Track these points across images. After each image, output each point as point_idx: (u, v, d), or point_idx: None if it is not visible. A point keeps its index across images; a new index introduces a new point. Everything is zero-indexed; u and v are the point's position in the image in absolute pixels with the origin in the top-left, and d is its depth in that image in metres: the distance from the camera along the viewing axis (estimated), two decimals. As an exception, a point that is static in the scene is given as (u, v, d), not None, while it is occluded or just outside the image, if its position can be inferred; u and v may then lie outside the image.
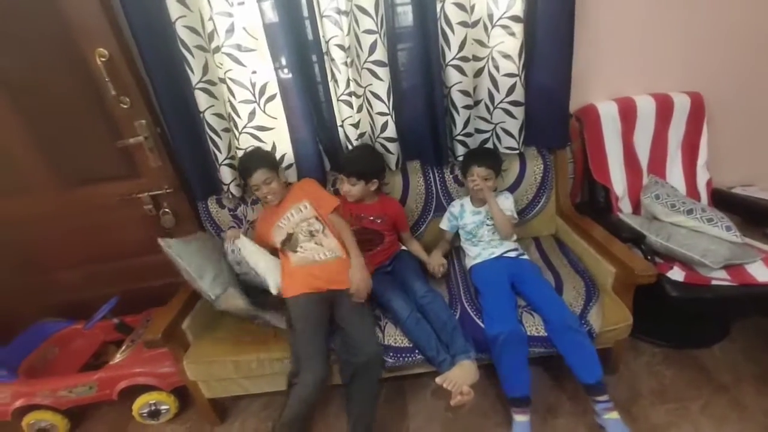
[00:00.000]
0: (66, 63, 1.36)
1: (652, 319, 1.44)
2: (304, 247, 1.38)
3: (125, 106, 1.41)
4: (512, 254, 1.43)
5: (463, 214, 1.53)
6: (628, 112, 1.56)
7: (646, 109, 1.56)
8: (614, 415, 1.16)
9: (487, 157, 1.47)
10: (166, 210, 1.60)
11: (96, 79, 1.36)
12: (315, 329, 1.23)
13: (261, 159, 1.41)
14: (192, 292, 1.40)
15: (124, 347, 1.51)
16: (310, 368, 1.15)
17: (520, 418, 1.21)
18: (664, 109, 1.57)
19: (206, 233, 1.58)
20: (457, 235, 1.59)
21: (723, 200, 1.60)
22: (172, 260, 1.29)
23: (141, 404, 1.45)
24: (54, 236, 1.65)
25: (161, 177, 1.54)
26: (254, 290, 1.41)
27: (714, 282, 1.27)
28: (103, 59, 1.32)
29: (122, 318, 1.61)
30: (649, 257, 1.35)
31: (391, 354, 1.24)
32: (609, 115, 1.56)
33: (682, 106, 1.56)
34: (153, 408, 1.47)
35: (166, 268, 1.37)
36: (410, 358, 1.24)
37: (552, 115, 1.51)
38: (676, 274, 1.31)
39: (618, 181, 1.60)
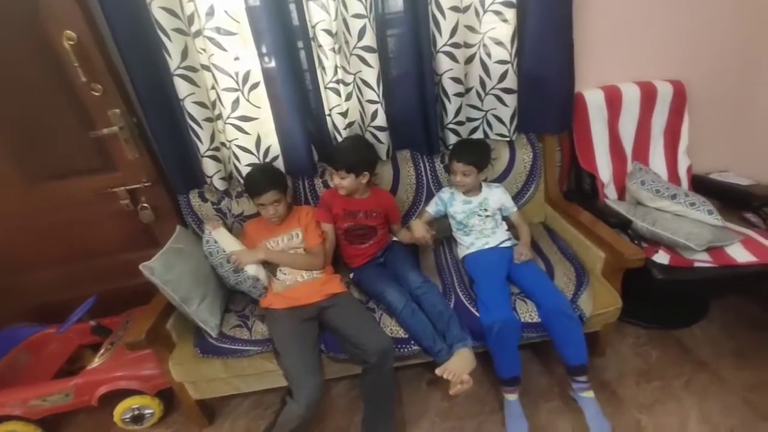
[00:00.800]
0: (30, 47, 1.26)
1: (636, 301, 1.48)
2: (284, 271, 1.37)
3: (97, 94, 1.32)
4: (507, 244, 1.44)
5: (452, 202, 1.52)
6: (613, 100, 1.59)
7: (631, 97, 1.59)
8: (590, 394, 1.21)
9: (469, 152, 1.44)
10: (145, 205, 1.51)
11: (64, 64, 1.27)
12: (300, 348, 1.19)
13: (271, 180, 1.35)
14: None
15: (102, 350, 1.43)
16: (303, 392, 1.10)
17: (511, 397, 1.25)
18: (648, 96, 1.60)
19: (187, 230, 1.50)
20: (439, 219, 1.58)
21: (702, 185, 1.66)
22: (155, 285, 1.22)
23: (123, 409, 1.38)
24: (22, 235, 1.53)
25: (138, 170, 1.45)
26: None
27: (697, 264, 1.31)
28: (72, 43, 1.23)
29: (99, 320, 1.53)
30: (635, 242, 1.38)
31: (396, 345, 1.22)
32: (595, 103, 1.58)
33: (665, 94, 1.60)
34: (136, 413, 1.40)
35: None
36: (407, 349, 1.23)
37: (551, 99, 1.51)
38: (662, 257, 1.35)
39: (604, 168, 1.63)
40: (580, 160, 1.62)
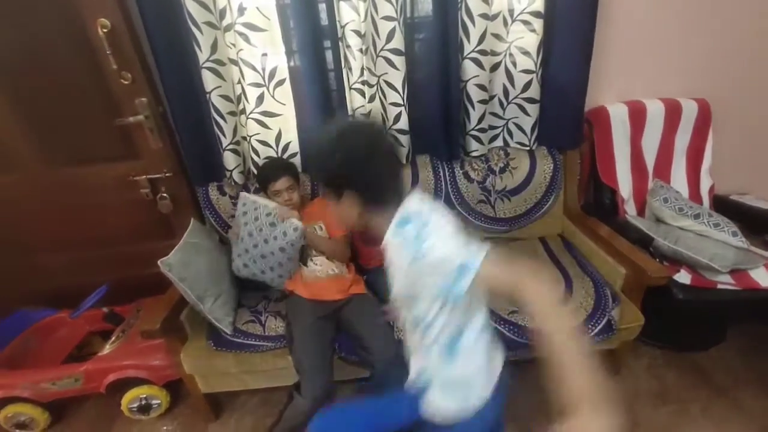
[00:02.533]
0: (64, 33, 1.27)
1: (652, 321, 1.46)
2: (316, 261, 1.35)
3: (126, 82, 1.33)
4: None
5: None
6: (637, 116, 1.58)
7: (655, 113, 1.58)
8: None
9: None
10: (164, 195, 1.51)
11: (96, 51, 1.28)
12: (315, 344, 1.17)
13: (286, 167, 1.38)
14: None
15: (113, 338, 1.43)
16: (311, 387, 1.09)
17: None
18: (673, 114, 1.59)
19: (203, 225, 1.50)
20: None
21: (723, 206, 1.63)
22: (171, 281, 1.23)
23: (131, 398, 1.37)
24: (41, 218, 1.55)
25: (161, 159, 1.46)
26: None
27: (720, 286, 1.29)
28: (105, 30, 1.24)
29: (112, 307, 1.53)
30: (656, 260, 1.36)
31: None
32: (619, 118, 1.57)
33: (689, 111, 1.59)
34: (143, 402, 1.39)
35: (160, 257, 1.29)
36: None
37: (566, 114, 1.50)
38: (683, 277, 1.32)
39: (624, 183, 1.61)
40: (601, 174, 1.61)
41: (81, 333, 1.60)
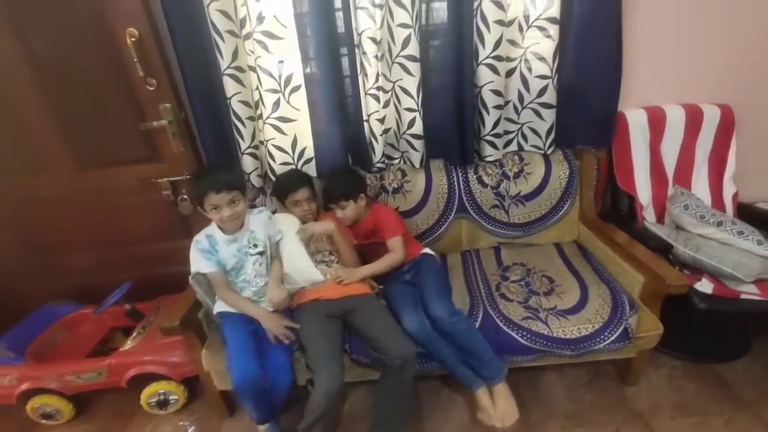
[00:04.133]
0: (95, 41, 1.34)
1: (672, 331, 1.42)
2: (331, 266, 1.38)
3: (151, 89, 1.39)
4: None
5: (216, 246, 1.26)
6: (657, 122, 1.55)
7: (676, 120, 1.55)
8: None
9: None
10: (185, 197, 1.57)
11: (124, 59, 1.34)
12: (322, 338, 1.19)
13: (304, 179, 1.45)
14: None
15: (135, 334, 1.48)
16: (322, 379, 1.11)
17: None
18: (694, 120, 1.55)
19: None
20: None
21: (748, 215, 1.57)
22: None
23: (150, 393, 1.42)
24: (68, 218, 1.62)
25: (182, 163, 1.51)
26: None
27: (743, 296, 1.25)
28: (134, 39, 1.30)
29: (133, 304, 1.58)
30: (676, 268, 1.33)
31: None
32: (638, 123, 1.54)
33: (711, 117, 1.55)
34: (162, 398, 1.43)
35: (179, 256, 1.34)
36: (429, 365, 1.22)
37: (592, 116, 1.50)
38: (705, 286, 1.29)
39: (643, 190, 1.58)
40: (619, 180, 1.58)
41: (104, 328, 1.66)
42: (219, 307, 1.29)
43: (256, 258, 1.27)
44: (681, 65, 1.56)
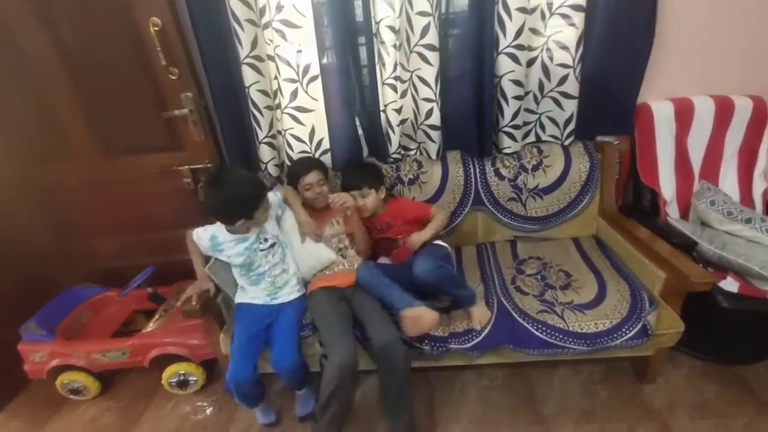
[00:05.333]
0: (120, 31, 1.37)
1: (692, 330, 1.38)
2: (347, 255, 1.42)
3: (173, 78, 1.41)
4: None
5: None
6: (684, 114, 1.49)
7: (704, 112, 1.49)
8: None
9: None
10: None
11: (147, 48, 1.37)
12: (334, 316, 1.24)
13: (316, 162, 1.46)
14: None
15: (157, 316, 1.53)
16: (334, 352, 1.14)
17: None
18: (724, 112, 1.49)
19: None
20: None
21: (779, 212, 1.51)
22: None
23: (171, 373, 1.47)
24: (94, 204, 1.68)
25: (202, 151, 1.54)
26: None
27: (771, 296, 1.20)
28: (156, 29, 1.33)
29: (155, 288, 1.64)
30: (700, 265, 1.29)
31: (427, 341, 1.22)
32: (663, 115, 1.49)
33: (743, 110, 1.48)
34: (182, 378, 1.48)
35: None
36: (443, 348, 1.22)
37: (612, 105, 1.47)
38: (730, 284, 1.25)
39: (667, 184, 1.53)
40: (641, 174, 1.54)
41: (127, 311, 1.72)
42: (238, 298, 1.34)
43: (268, 251, 1.30)
44: (711, 55, 1.49)
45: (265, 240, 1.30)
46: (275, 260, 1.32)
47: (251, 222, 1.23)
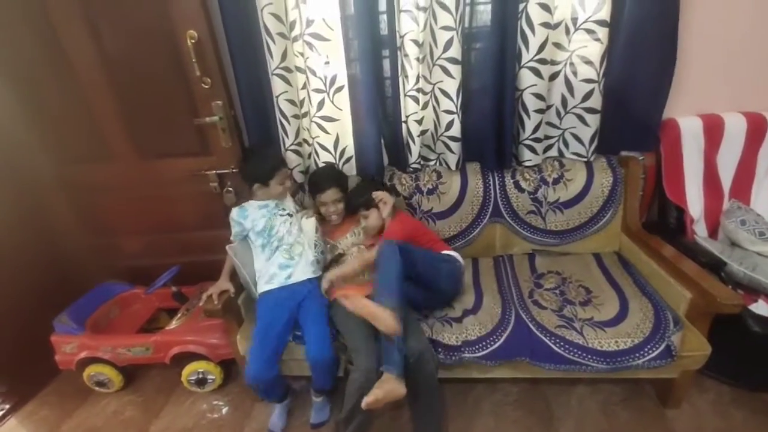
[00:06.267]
0: (159, 41, 1.45)
1: (722, 355, 1.33)
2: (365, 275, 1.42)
3: (206, 87, 1.48)
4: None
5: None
6: (713, 130, 1.46)
7: (736, 129, 1.45)
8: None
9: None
10: (230, 189, 1.66)
11: (183, 59, 1.44)
12: (357, 325, 1.23)
13: (335, 178, 1.50)
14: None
15: (179, 315, 1.58)
16: (358, 361, 1.16)
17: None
18: (756, 129, 1.44)
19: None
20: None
21: (816, 234, 1.44)
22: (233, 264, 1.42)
23: (190, 371, 1.52)
24: (126, 204, 1.76)
25: (229, 157, 1.60)
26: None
27: (806, 322, 1.15)
28: (193, 41, 1.40)
29: (179, 288, 1.69)
30: (729, 287, 1.24)
31: (440, 350, 1.22)
32: (691, 132, 1.46)
33: (777, 127, 1.44)
34: (200, 376, 1.53)
35: (222, 245, 1.43)
36: (457, 357, 1.22)
37: (637, 120, 1.45)
38: (761, 308, 1.20)
39: (694, 202, 1.49)
40: (668, 191, 1.50)
41: (152, 308, 1.79)
42: (261, 287, 1.39)
43: (285, 218, 1.43)
44: (742, 71, 1.46)
45: (284, 209, 1.45)
46: (291, 229, 1.42)
47: (268, 190, 1.41)
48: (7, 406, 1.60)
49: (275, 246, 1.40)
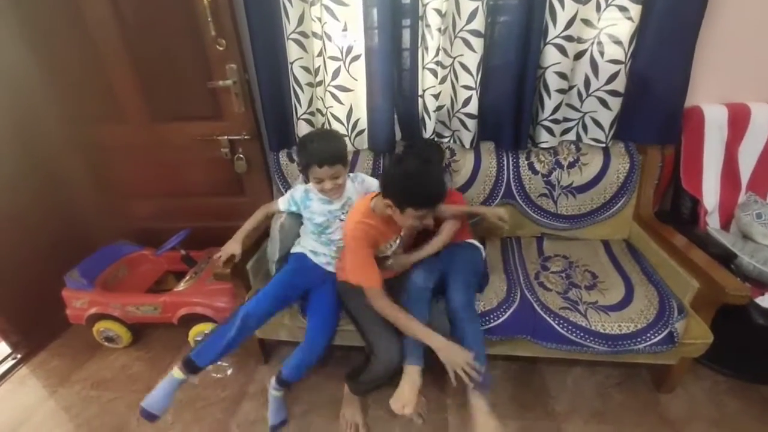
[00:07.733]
0: (175, 1, 1.41)
1: (722, 346, 1.34)
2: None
3: (221, 48, 1.45)
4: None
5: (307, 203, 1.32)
6: (738, 120, 1.42)
7: (762, 120, 1.41)
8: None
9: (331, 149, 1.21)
10: (241, 156, 1.65)
11: (198, 18, 1.41)
12: (376, 313, 1.15)
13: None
14: (258, 237, 1.46)
15: (187, 277, 1.61)
16: (380, 350, 1.13)
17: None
18: (783, 121, 1.40)
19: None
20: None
21: (831, 233, 1.43)
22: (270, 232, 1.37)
23: (196, 332, 1.55)
24: (137, 166, 1.76)
25: (241, 123, 1.59)
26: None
27: (813, 317, 1.15)
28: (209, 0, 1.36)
29: (188, 251, 1.71)
30: (738, 278, 1.24)
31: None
32: (715, 120, 1.42)
33: (805, 120, 1.40)
34: (207, 337, 1.56)
35: (231, 212, 1.44)
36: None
37: (660, 109, 1.40)
38: (767, 301, 1.20)
39: (710, 193, 1.47)
40: (684, 180, 1.48)
41: (160, 270, 1.82)
42: (296, 248, 1.39)
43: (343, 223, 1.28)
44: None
45: (343, 214, 1.31)
46: None
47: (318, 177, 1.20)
48: (19, 356, 1.66)
49: (324, 241, 1.34)
